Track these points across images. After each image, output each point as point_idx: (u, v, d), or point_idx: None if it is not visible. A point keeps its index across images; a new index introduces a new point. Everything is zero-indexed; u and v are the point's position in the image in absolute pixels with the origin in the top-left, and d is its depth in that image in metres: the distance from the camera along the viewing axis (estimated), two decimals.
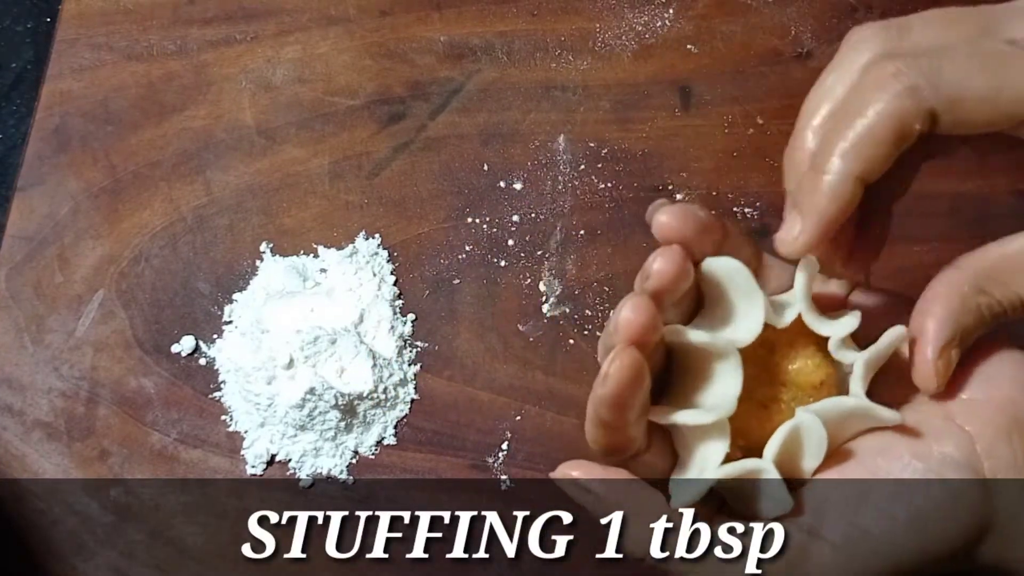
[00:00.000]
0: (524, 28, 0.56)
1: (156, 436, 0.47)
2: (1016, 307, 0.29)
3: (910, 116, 0.27)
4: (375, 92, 0.55)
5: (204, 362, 0.48)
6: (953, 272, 0.29)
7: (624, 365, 0.26)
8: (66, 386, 0.48)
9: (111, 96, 0.54)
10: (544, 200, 0.52)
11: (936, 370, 0.28)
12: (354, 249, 0.50)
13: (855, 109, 0.27)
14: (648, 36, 0.56)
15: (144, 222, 0.51)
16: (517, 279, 0.50)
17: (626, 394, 0.27)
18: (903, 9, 0.30)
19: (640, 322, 0.27)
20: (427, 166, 0.53)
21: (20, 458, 0.46)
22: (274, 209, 0.52)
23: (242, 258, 0.50)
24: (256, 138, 0.54)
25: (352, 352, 0.46)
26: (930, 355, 0.28)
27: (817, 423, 0.28)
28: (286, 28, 0.56)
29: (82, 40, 0.56)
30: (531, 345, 0.48)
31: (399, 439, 0.47)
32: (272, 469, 0.46)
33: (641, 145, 0.53)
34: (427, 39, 0.56)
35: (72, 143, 0.53)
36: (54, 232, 0.51)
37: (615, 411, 0.27)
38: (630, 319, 0.27)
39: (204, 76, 0.55)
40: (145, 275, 0.50)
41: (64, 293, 0.50)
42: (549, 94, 0.54)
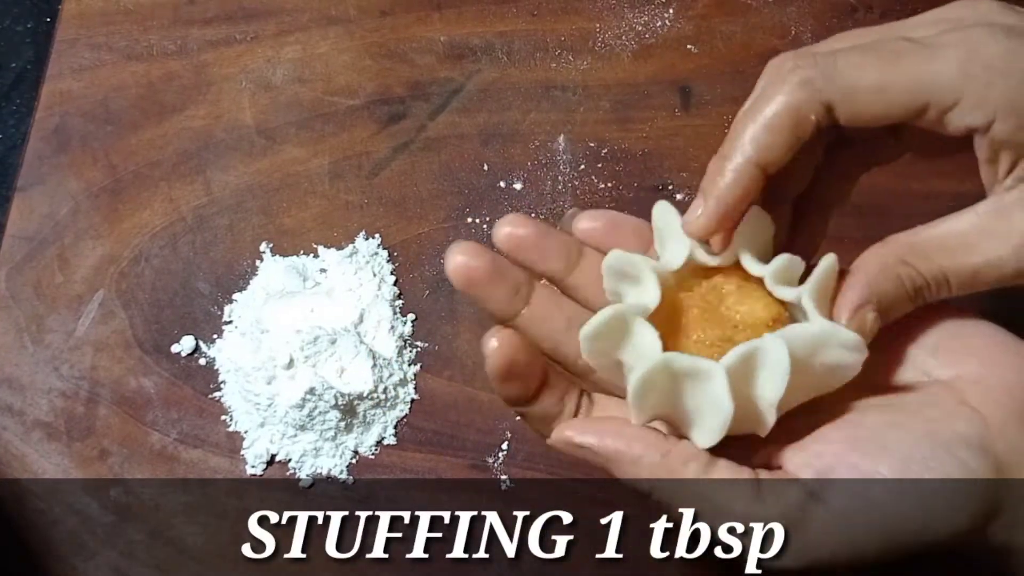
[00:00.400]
0: (524, 28, 0.56)
1: (156, 436, 0.47)
2: (940, 283, 0.30)
3: (805, 107, 0.28)
4: (375, 92, 0.55)
5: (204, 362, 0.48)
6: (879, 245, 0.30)
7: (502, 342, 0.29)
8: (66, 386, 0.48)
9: (111, 96, 0.54)
10: (544, 200, 0.52)
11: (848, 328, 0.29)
12: (354, 249, 0.50)
13: (757, 103, 0.29)
14: (648, 36, 0.56)
15: (144, 222, 0.51)
16: None
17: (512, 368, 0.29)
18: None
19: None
20: (427, 166, 0.53)
21: (20, 458, 0.46)
22: (274, 209, 0.52)
23: (242, 258, 0.51)
24: (256, 138, 0.54)
25: (352, 352, 0.46)
26: (844, 314, 0.29)
27: (778, 343, 0.28)
28: (286, 28, 0.56)
29: (82, 40, 0.56)
30: None
31: (399, 439, 0.47)
32: (272, 469, 0.46)
33: (641, 145, 0.53)
34: (427, 39, 0.56)
35: (72, 143, 0.53)
36: (54, 232, 0.51)
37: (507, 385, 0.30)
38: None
39: (204, 76, 0.55)
40: (145, 275, 0.50)
41: (64, 293, 0.50)
42: (549, 94, 0.54)
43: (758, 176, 0.29)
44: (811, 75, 0.28)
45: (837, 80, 0.28)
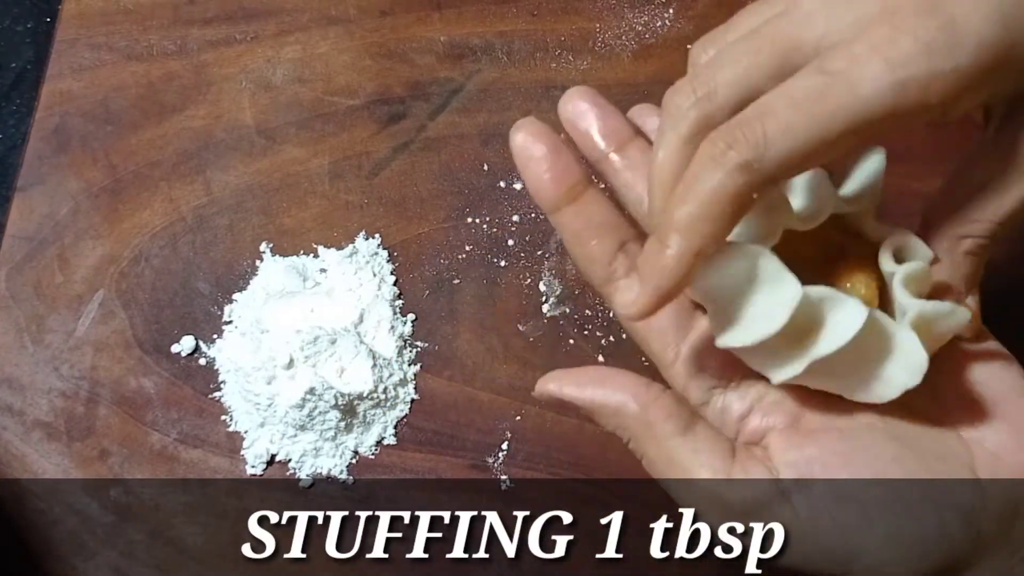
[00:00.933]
0: (524, 28, 0.56)
1: (156, 436, 0.47)
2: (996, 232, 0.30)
3: (744, 190, 0.27)
4: (375, 92, 0.55)
5: (204, 362, 0.48)
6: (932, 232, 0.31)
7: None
8: (66, 386, 0.48)
9: (111, 96, 0.54)
10: None
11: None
12: (354, 249, 0.50)
13: (691, 188, 0.28)
14: (648, 36, 0.56)
15: (144, 222, 0.51)
16: (517, 279, 0.50)
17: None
18: None
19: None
20: (427, 166, 0.53)
21: (20, 458, 0.46)
22: (274, 209, 0.52)
23: (242, 258, 0.51)
24: (256, 138, 0.54)
25: (352, 352, 0.46)
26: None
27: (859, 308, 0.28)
28: (286, 28, 0.56)
29: (82, 40, 0.56)
30: (531, 345, 0.48)
31: (399, 439, 0.47)
32: (272, 469, 0.46)
33: None
34: (427, 39, 0.56)
35: (72, 143, 0.53)
36: (54, 232, 0.51)
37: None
38: None
39: (204, 76, 0.55)
40: (145, 275, 0.50)
41: (64, 293, 0.50)
42: (549, 94, 0.54)
43: (697, 263, 0.28)
44: (746, 156, 0.27)
45: (771, 153, 0.27)
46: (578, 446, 0.46)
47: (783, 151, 0.27)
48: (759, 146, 0.27)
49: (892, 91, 0.26)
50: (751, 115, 0.27)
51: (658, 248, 0.28)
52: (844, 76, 0.26)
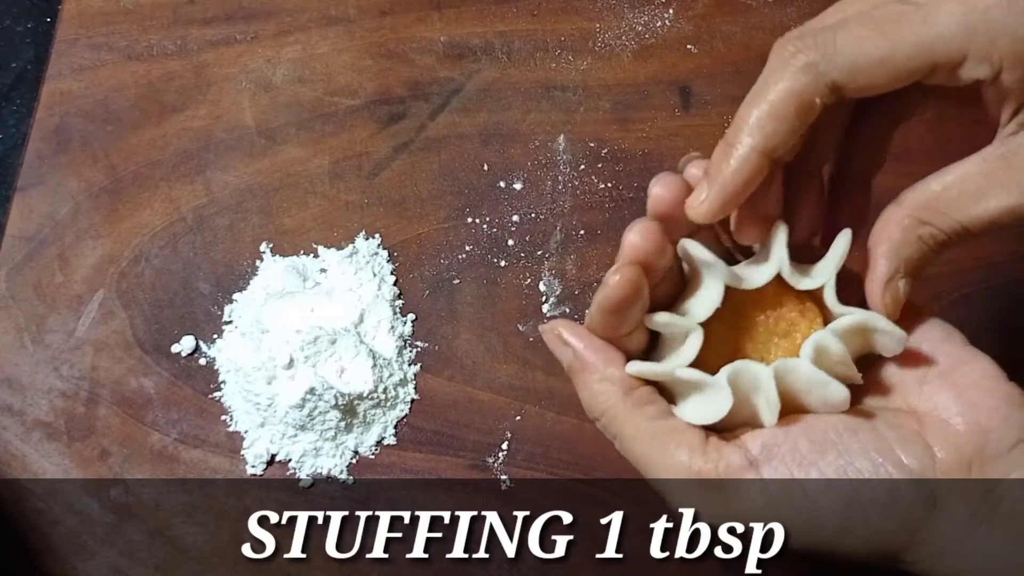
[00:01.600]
0: (524, 28, 0.56)
1: (156, 436, 0.47)
2: (960, 234, 0.30)
3: (808, 91, 0.29)
4: (375, 92, 0.55)
5: (204, 362, 0.48)
6: (894, 207, 0.31)
7: (623, 278, 0.30)
8: (66, 386, 0.48)
9: (111, 96, 0.54)
10: (544, 200, 0.52)
11: (885, 302, 0.31)
12: (354, 249, 0.50)
13: (761, 89, 0.29)
14: (648, 36, 0.56)
15: (144, 222, 0.51)
16: (517, 279, 0.50)
17: (621, 304, 0.30)
18: None
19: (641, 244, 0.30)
20: (427, 166, 0.53)
21: (20, 458, 0.46)
22: (274, 209, 0.52)
23: (242, 258, 0.51)
24: (256, 138, 0.54)
25: (352, 352, 0.46)
26: (877, 289, 0.31)
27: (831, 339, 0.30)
28: (286, 28, 0.56)
29: (82, 40, 0.56)
30: (531, 345, 0.48)
31: (399, 439, 0.47)
32: (272, 469, 0.46)
33: (641, 145, 0.53)
34: (427, 39, 0.56)
35: (72, 143, 0.53)
36: (54, 232, 0.51)
37: (609, 317, 0.30)
38: (634, 242, 0.30)
39: (204, 76, 0.55)
40: (145, 275, 0.50)
41: (64, 293, 0.50)
42: (549, 94, 0.54)
43: (763, 163, 0.29)
44: (812, 58, 0.28)
45: (839, 59, 0.28)
46: (578, 446, 0.46)
47: (848, 60, 0.28)
48: (828, 52, 0.28)
49: (964, 32, 0.28)
50: (826, 23, 0.30)
51: (726, 149, 0.30)
52: (923, 8, 0.28)
